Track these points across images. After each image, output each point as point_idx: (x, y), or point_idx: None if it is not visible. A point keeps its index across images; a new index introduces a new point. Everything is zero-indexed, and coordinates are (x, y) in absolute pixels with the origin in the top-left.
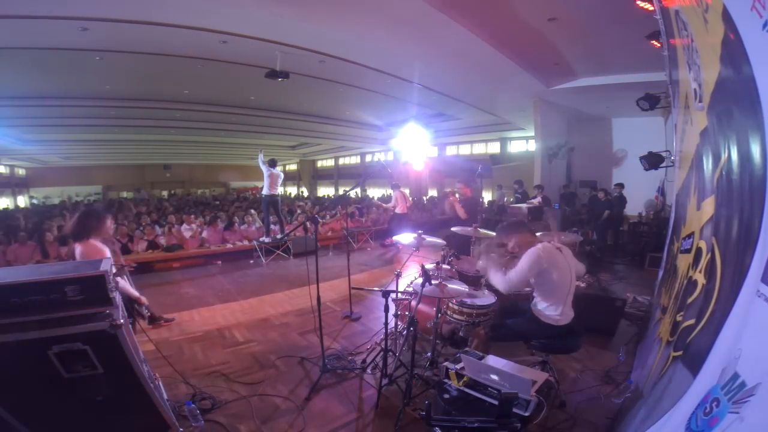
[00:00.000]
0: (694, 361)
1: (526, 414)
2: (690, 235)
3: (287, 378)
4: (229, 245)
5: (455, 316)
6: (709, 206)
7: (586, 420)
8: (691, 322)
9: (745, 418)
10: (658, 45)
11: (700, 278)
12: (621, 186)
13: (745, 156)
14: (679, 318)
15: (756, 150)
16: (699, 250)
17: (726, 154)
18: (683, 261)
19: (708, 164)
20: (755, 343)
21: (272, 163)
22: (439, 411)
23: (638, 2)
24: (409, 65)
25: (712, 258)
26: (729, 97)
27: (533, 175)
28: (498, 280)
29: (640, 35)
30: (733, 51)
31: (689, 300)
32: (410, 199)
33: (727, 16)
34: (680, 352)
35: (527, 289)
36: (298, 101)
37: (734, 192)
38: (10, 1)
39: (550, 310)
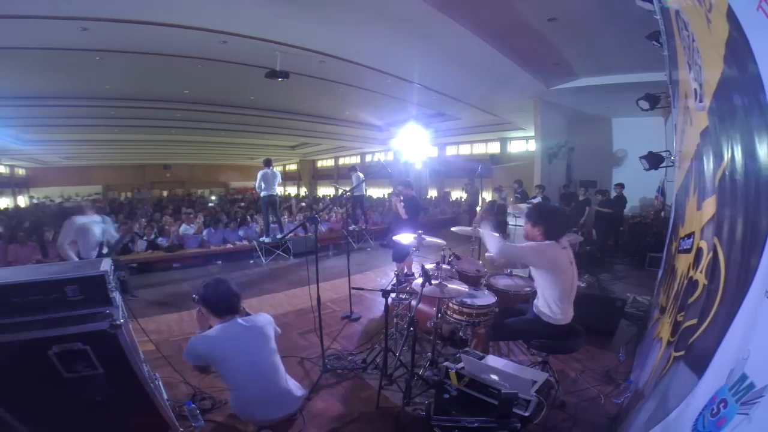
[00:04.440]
0: (698, 362)
1: (526, 414)
2: (689, 235)
3: None
4: (229, 245)
5: (455, 316)
6: (710, 206)
7: (586, 420)
8: (693, 322)
9: (753, 420)
10: (658, 45)
11: (701, 278)
12: (621, 186)
13: (750, 156)
14: (680, 318)
15: (762, 150)
16: (700, 250)
17: (729, 154)
18: (682, 261)
19: (709, 164)
20: (764, 344)
21: (268, 163)
22: (439, 411)
23: (638, 2)
24: (409, 65)
25: (715, 258)
26: (733, 96)
27: (533, 175)
28: (494, 242)
29: (640, 35)
30: (738, 51)
31: (690, 300)
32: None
33: (731, 16)
34: (682, 353)
35: (527, 288)
36: (298, 101)
37: (738, 192)
38: (10, 1)
39: (553, 309)
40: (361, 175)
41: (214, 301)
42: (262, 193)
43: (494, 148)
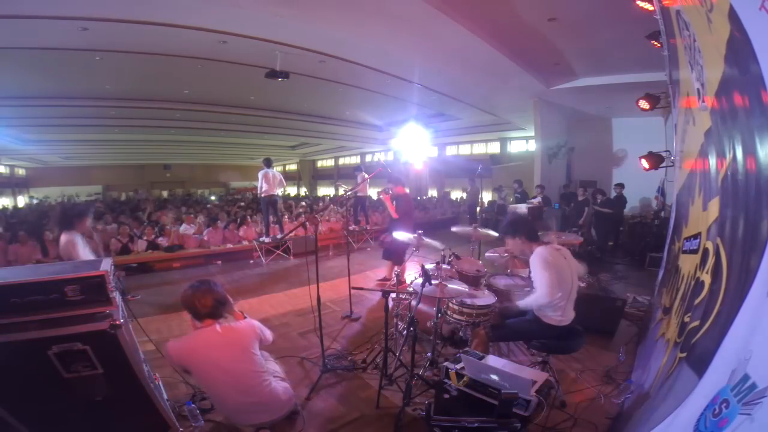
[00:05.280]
0: (699, 362)
1: (526, 414)
2: (696, 236)
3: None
4: (229, 245)
5: (455, 316)
6: (715, 207)
7: (586, 420)
8: (697, 323)
9: (755, 420)
10: (658, 45)
11: (707, 279)
12: (621, 186)
13: (751, 156)
14: (686, 319)
15: (763, 150)
16: (706, 251)
17: (731, 155)
18: (687, 261)
19: (713, 164)
20: (767, 344)
21: (268, 163)
22: (439, 411)
23: (638, 2)
24: (409, 65)
25: (718, 259)
26: (734, 96)
27: (533, 175)
28: (532, 300)
29: (640, 35)
30: (739, 50)
31: (696, 301)
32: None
33: (733, 16)
34: (685, 354)
35: (527, 289)
36: (298, 101)
37: (740, 193)
38: (10, 1)
39: (553, 310)
40: (366, 176)
41: (193, 304)
42: (263, 194)
43: (494, 148)
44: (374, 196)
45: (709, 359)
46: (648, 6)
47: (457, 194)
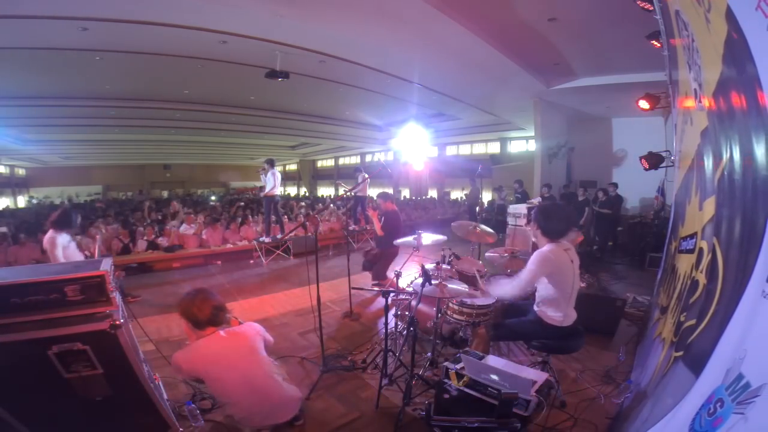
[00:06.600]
0: (696, 362)
1: (526, 414)
2: (692, 236)
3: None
4: (229, 245)
5: (455, 316)
6: (710, 206)
7: (586, 420)
8: (692, 322)
9: (749, 419)
10: (658, 45)
11: (702, 278)
12: (615, 186)
13: (748, 156)
14: (682, 318)
15: (760, 150)
16: (701, 251)
17: (728, 154)
18: (683, 261)
19: (709, 164)
20: (760, 343)
21: (273, 163)
22: (439, 411)
23: (638, 2)
24: (409, 65)
25: (713, 258)
26: (731, 96)
27: (533, 175)
28: (508, 288)
29: (640, 35)
30: (737, 51)
31: (691, 300)
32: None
33: (730, 16)
34: (681, 353)
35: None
36: (298, 101)
37: (736, 192)
38: (10, 1)
39: (555, 311)
40: (366, 176)
41: (192, 313)
42: (267, 194)
43: (494, 148)
44: (374, 197)
45: (706, 358)
46: (648, 6)
47: (457, 194)
